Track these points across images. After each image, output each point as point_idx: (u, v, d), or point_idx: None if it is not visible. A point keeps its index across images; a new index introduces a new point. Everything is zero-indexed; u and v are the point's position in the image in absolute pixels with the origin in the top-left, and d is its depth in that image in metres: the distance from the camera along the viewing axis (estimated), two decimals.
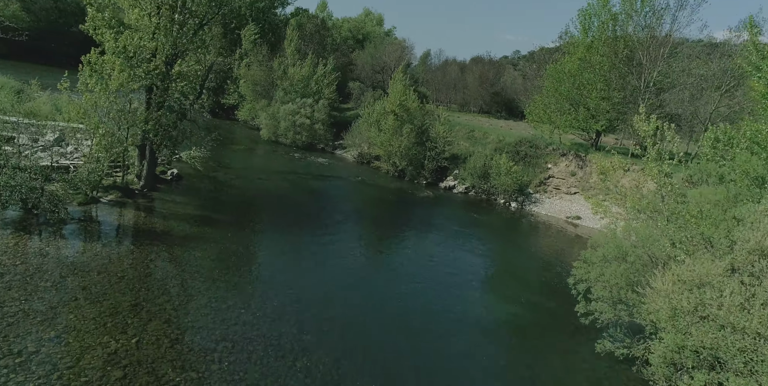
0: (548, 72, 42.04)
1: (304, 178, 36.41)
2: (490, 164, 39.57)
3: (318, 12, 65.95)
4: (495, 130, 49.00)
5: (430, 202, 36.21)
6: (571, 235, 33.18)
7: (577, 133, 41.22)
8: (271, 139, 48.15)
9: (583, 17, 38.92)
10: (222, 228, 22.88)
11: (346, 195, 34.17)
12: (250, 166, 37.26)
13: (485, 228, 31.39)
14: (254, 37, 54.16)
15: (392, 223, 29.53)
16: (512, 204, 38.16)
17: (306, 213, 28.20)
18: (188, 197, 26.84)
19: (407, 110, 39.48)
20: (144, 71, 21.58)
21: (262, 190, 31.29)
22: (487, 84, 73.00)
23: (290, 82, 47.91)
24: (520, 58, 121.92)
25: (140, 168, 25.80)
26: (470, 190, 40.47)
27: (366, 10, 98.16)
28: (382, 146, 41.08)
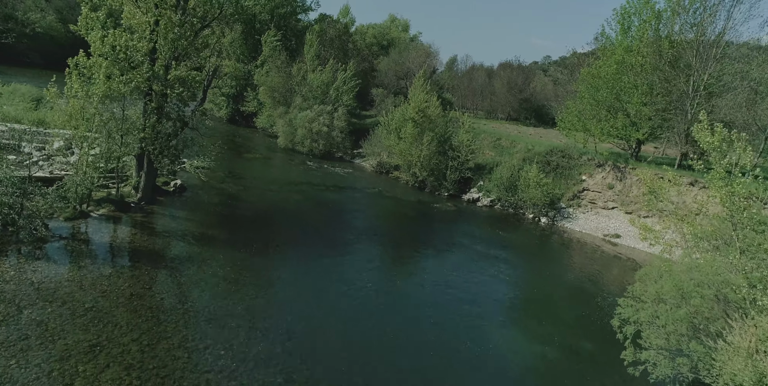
0: (582, 76, 38.80)
1: (317, 190, 34.13)
2: (517, 175, 36.52)
3: (340, 17, 64.20)
4: (523, 138, 45.86)
5: (451, 217, 33.39)
6: (609, 255, 29.83)
7: (615, 142, 37.76)
8: (288, 147, 46.23)
9: (622, 16, 35.64)
10: (219, 248, 20.68)
11: (361, 209, 31.69)
12: (262, 176, 35.26)
13: (512, 248, 28.36)
14: (275, 43, 52.57)
15: (409, 242, 26.85)
16: (542, 219, 34.97)
17: (315, 230, 25.81)
18: (189, 211, 24.82)
19: (428, 117, 36.86)
20: (137, 75, 19.66)
21: (271, 203, 29.10)
22: (516, 90, 69.79)
23: (309, 88, 45.95)
24: (551, 64, 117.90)
25: (138, 179, 23.95)
26: (496, 203, 37.46)
27: (391, 16, 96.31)
28: (401, 155, 38.54)
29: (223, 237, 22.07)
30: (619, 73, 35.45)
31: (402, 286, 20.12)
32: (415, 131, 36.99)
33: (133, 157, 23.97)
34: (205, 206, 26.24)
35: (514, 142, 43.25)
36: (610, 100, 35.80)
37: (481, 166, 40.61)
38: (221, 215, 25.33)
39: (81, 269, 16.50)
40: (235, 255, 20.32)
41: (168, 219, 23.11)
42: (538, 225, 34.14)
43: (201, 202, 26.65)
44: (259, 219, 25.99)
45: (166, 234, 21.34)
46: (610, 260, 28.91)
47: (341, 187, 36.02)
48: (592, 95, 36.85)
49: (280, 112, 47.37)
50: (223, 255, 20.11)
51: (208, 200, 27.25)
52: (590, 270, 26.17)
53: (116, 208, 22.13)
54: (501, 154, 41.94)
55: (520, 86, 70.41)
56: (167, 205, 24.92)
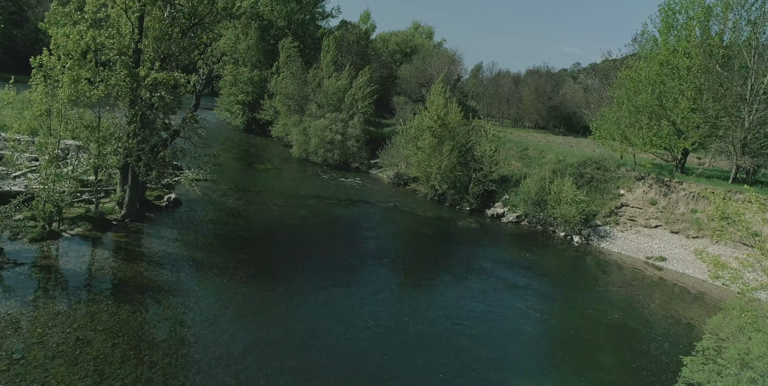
0: (620, 80, 35.10)
1: (327, 204, 31.29)
2: (548, 189, 32.94)
3: (361, 23, 61.92)
4: (553, 148, 42.19)
5: (473, 236, 30.01)
6: (652, 281, 26.00)
7: (657, 153, 33.80)
8: (302, 158, 43.70)
9: (666, 13, 31.91)
10: (207, 274, 17.96)
11: (373, 227, 28.63)
12: (269, 189, 32.66)
13: (540, 274, 24.81)
14: (291, 49, 50.40)
15: (424, 268, 23.63)
16: (575, 238, 31.26)
17: (319, 253, 22.89)
18: (179, 230, 22.26)
19: (447, 126, 33.72)
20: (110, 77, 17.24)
21: (273, 219, 26.34)
22: (544, 97, 65.97)
23: (323, 95, 43.42)
24: (581, 71, 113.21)
25: (122, 194, 21.54)
26: (522, 219, 33.92)
27: (415, 23, 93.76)
28: (418, 166, 35.45)
29: (214, 262, 19.35)
30: (662, 76, 31.67)
31: (412, 325, 16.93)
32: (433, 141, 33.88)
33: (117, 170, 21.62)
34: (198, 224, 23.65)
35: (543, 152, 39.66)
36: (651, 105, 31.98)
37: (507, 178, 37.16)
38: (215, 234, 22.66)
39: (23, 306, 13.93)
40: (223, 283, 17.55)
41: (153, 240, 20.56)
42: (570, 245, 30.46)
43: (195, 219, 24.10)
44: (257, 239, 23.22)
45: (147, 257, 18.75)
46: (655, 288, 25.09)
47: (353, 201, 33.10)
48: (631, 100, 33.10)
49: (294, 121, 44.98)
50: (211, 284, 17.39)
51: (204, 217, 24.68)
52: (633, 301, 22.43)
53: (94, 227, 19.70)
54: (528, 165, 38.42)
55: (548, 93, 66.57)
56: (156, 223, 22.42)
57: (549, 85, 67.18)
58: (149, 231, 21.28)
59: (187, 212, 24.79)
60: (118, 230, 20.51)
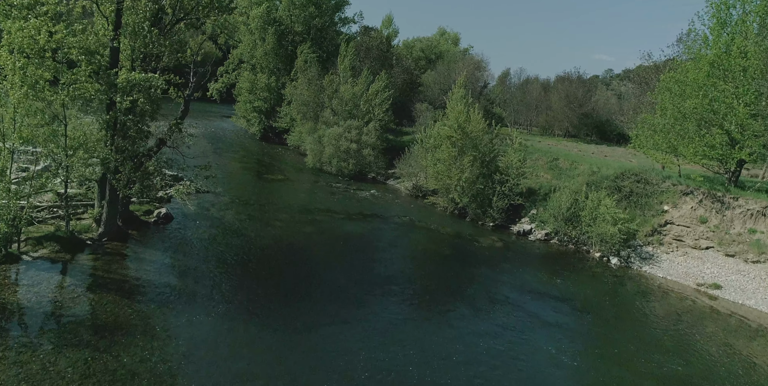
0: (663, 83, 31.16)
1: (336, 219, 28.41)
2: (582, 203, 29.24)
3: (383, 28, 59.43)
4: (586, 158, 38.32)
5: (496, 256, 26.56)
6: (705, 312, 22.06)
7: (706, 164, 29.66)
8: (316, 167, 41.11)
9: (718, 8, 27.97)
10: (190, 308, 15.28)
11: (385, 247, 25.51)
12: (276, 202, 30.03)
13: (574, 305, 21.20)
14: (309, 55, 48.17)
15: (438, 297, 20.34)
16: (613, 260, 27.43)
17: (323, 280, 19.94)
18: (163, 251, 19.71)
19: (468, 135, 30.46)
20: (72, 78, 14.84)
21: (275, 238, 23.55)
22: (575, 104, 61.79)
23: (339, 101, 40.82)
24: (613, 77, 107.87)
25: (99, 210, 19.17)
26: (552, 236, 30.26)
27: (441, 29, 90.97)
28: (437, 178, 32.25)
29: (198, 291, 16.68)
30: (713, 78, 27.67)
31: (417, 376, 13.75)
32: (453, 151, 30.66)
33: (95, 183, 19.28)
34: (187, 243, 21.07)
35: (575, 163, 35.88)
36: (701, 111, 27.98)
37: (534, 190, 33.56)
38: (205, 257, 20.00)
39: None
40: (205, 319, 14.82)
41: (131, 263, 18.05)
42: (607, 268, 26.66)
43: (184, 238, 21.55)
44: (252, 262, 20.44)
45: (121, 285, 16.21)
46: (709, 321, 21.13)
47: (365, 216, 30.12)
48: (677, 106, 29.14)
49: (308, 128, 42.51)
50: (192, 320, 14.67)
51: (195, 235, 22.12)
52: (684, 339, 18.64)
53: (62, 248, 17.30)
54: (559, 176, 34.70)
55: (580, 100, 62.35)
56: (139, 242, 19.96)
57: (580, 91, 62.97)
58: (128, 253, 18.80)
59: (178, 229, 22.29)
60: (91, 251, 18.09)
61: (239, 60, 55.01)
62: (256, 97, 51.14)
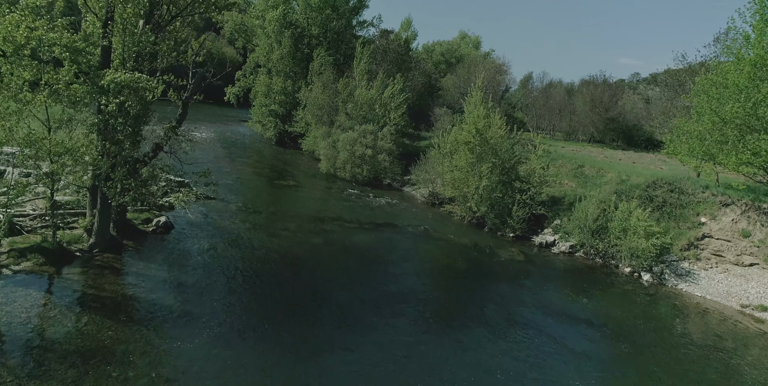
0: (699, 86, 28.71)
1: (346, 229, 26.78)
2: (610, 214, 27.02)
3: (401, 31, 57.89)
4: (613, 165, 35.92)
5: (516, 271, 24.52)
6: (752, 338, 19.65)
7: (749, 172, 27.08)
8: (329, 173, 39.63)
9: (762, 4, 25.48)
10: (183, 329, 13.81)
11: (397, 260, 23.72)
12: (284, 210, 28.56)
13: (603, 327, 19.07)
14: (324, 58, 46.94)
15: (454, 316, 18.48)
16: (644, 276, 25.12)
17: (328, 297, 18.30)
18: (159, 263, 18.34)
19: (488, 141, 28.52)
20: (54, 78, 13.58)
21: (280, 250, 22.00)
22: (601, 108, 59.11)
23: (353, 105, 39.32)
24: (640, 81, 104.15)
25: (90, 219, 17.93)
26: (577, 249, 28.05)
27: (462, 33, 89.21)
28: (454, 185, 30.37)
29: (192, 310, 15.24)
30: (756, 80, 25.17)
31: None
32: (471, 157, 28.76)
33: (86, 190, 18.07)
34: (185, 255, 19.68)
35: (602, 170, 33.54)
36: (742, 116, 25.48)
37: (558, 199, 31.38)
38: (203, 270, 18.54)
39: None
40: (189, 345, 13.31)
41: (122, 278, 16.71)
42: (638, 285, 24.37)
43: (183, 249, 20.18)
44: (253, 276, 18.91)
45: (108, 303, 14.85)
46: (757, 348, 18.73)
47: (378, 225, 28.41)
48: (715, 110, 26.68)
49: (322, 133, 41.11)
50: (173, 345, 13.22)
51: (194, 246, 20.73)
52: (729, 370, 16.33)
53: (47, 261, 16.07)
54: (584, 184, 32.44)
55: (605, 104, 59.63)
56: (133, 254, 18.65)
57: (606, 95, 60.23)
58: (120, 266, 17.49)
59: (177, 239, 20.95)
60: (80, 264, 16.82)
61: (256, 64, 54.22)
62: (272, 101, 50.09)
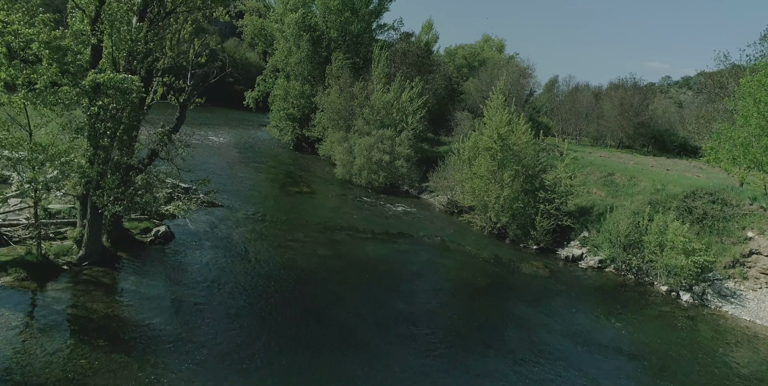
0: (744, 88, 26.09)
1: (359, 240, 25.08)
2: (644, 227, 24.64)
3: (422, 34, 56.21)
4: (646, 173, 33.31)
5: (540, 288, 22.37)
6: None
7: None
8: (345, 179, 38.07)
9: None
10: (160, 358, 12.32)
11: (409, 276, 21.85)
12: (294, 219, 27.03)
13: (638, 357, 16.82)
14: (342, 62, 45.56)
15: (470, 342, 16.52)
16: (684, 296, 22.67)
17: (333, 317, 16.63)
18: (153, 279, 16.95)
19: (509, 147, 26.46)
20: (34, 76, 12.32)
21: (285, 263, 20.40)
22: (631, 112, 56.07)
23: (370, 109, 37.71)
24: (671, 85, 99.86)
25: (80, 230, 16.69)
26: (607, 264, 25.72)
27: (485, 36, 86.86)
28: (474, 194, 28.37)
29: (178, 333, 13.78)
30: None
31: None
32: (492, 164, 26.73)
33: (76, 199, 16.85)
34: (183, 269, 18.29)
35: (635, 178, 31.00)
36: None
37: (586, 210, 29.04)
38: (198, 286, 17.06)
39: None
40: (173, 375, 11.79)
41: (109, 295, 15.35)
42: (676, 306, 21.95)
43: (180, 262, 18.79)
44: (253, 294, 17.31)
45: (84, 326, 13.48)
46: None
47: (392, 235, 26.62)
48: (763, 114, 24.09)
49: (339, 138, 39.62)
50: (153, 376, 11.70)
51: (194, 257, 19.32)
52: None
53: (30, 275, 14.82)
54: (615, 194, 30.00)
55: (636, 108, 56.57)
56: (127, 267, 17.33)
57: (636, 98, 57.14)
58: (110, 281, 16.16)
59: (177, 251, 19.58)
60: (66, 279, 15.55)
61: (274, 68, 53.29)
62: (290, 105, 48.97)
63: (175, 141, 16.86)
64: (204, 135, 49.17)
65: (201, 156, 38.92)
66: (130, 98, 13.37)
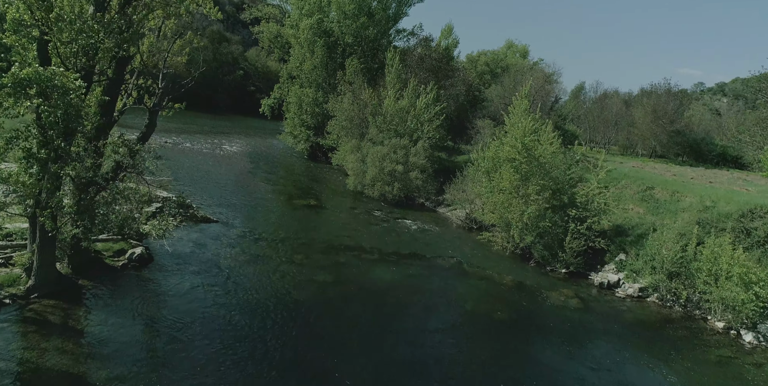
0: None
1: (364, 262, 21.98)
2: (694, 252, 20.86)
3: (442, 38, 53.23)
4: (689, 186, 29.29)
5: (572, 322, 18.81)
6: None
7: None
8: (357, 190, 35.12)
9: None
10: None
11: (419, 308, 18.53)
12: (296, 236, 24.12)
13: None
14: (356, 67, 42.88)
15: None
16: (746, 335, 18.76)
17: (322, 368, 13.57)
18: (117, 314, 14.19)
19: (536, 158, 23.06)
20: None
21: (277, 293, 17.42)
22: (665, 119, 51.62)
23: (383, 117, 34.79)
24: (704, 91, 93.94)
25: (30, 255, 14.10)
26: (649, 292, 21.98)
27: (508, 42, 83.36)
28: (495, 211, 24.99)
29: None
30: None
31: None
32: (515, 178, 23.33)
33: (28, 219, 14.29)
34: (157, 299, 15.54)
35: (678, 193, 27.07)
36: None
37: (622, 229, 25.30)
38: (170, 322, 14.23)
39: None
40: None
41: (54, 336, 12.59)
42: (738, 348, 18.10)
43: (155, 291, 16.06)
44: (233, 332, 14.38)
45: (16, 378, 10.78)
46: None
47: (403, 257, 23.44)
48: None
49: (351, 147, 36.77)
50: None
51: (173, 285, 16.55)
52: None
53: None
54: (655, 211, 26.15)
55: (670, 115, 52.11)
56: (88, 298, 14.64)
57: (671, 105, 52.65)
58: (62, 318, 13.43)
59: (152, 277, 16.87)
60: (7, 316, 12.92)
61: (289, 75, 51.02)
62: (304, 112, 46.49)
63: (141, 152, 14.15)
64: (217, 144, 47.13)
65: (208, 166, 36.69)
66: (66, 99, 10.69)
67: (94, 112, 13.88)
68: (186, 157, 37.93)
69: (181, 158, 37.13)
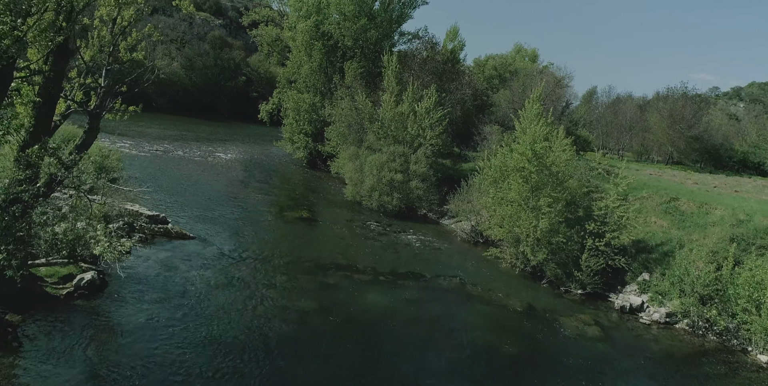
0: None
1: (357, 284, 19.46)
2: (728, 273, 18.13)
3: (447, 40, 50.97)
4: (716, 197, 26.54)
5: (593, 355, 16.13)
6: None
7: None
8: (355, 200, 32.71)
9: None
10: None
11: (418, 338, 15.94)
12: (282, 254, 21.64)
13: None
14: (356, 71, 40.69)
15: None
16: None
17: None
18: (54, 358, 11.85)
19: (547, 166, 20.48)
20: None
21: (252, 325, 14.96)
22: (683, 125, 48.74)
23: (380, 124, 32.44)
24: (720, 96, 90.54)
25: None
26: (678, 318, 19.22)
27: (517, 46, 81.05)
28: (502, 225, 22.41)
29: None
30: None
31: None
32: (525, 189, 20.75)
33: None
34: (100, 337, 13.14)
35: (706, 205, 24.30)
36: None
37: (645, 245, 22.61)
38: (116, 368, 11.90)
39: None
40: None
41: None
42: None
43: (101, 326, 13.68)
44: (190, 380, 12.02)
45: None
46: None
47: (400, 276, 20.90)
48: None
49: (349, 154, 34.45)
50: None
51: (125, 318, 14.15)
52: None
53: None
54: (681, 224, 23.41)
55: (688, 120, 49.21)
56: (12, 340, 12.27)
57: (688, 109, 49.75)
58: None
59: (102, 309, 14.49)
60: None
61: (287, 79, 48.99)
62: (302, 118, 44.31)
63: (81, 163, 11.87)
64: (211, 151, 45.06)
65: (197, 175, 34.53)
66: None
67: (23, 115, 11.65)
68: (175, 166, 35.82)
69: (170, 167, 35.04)
